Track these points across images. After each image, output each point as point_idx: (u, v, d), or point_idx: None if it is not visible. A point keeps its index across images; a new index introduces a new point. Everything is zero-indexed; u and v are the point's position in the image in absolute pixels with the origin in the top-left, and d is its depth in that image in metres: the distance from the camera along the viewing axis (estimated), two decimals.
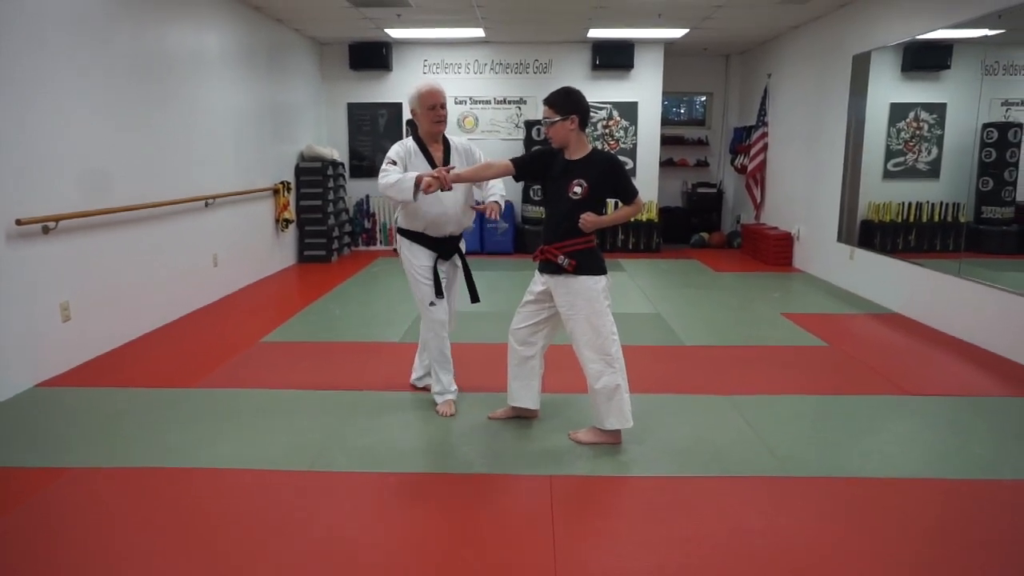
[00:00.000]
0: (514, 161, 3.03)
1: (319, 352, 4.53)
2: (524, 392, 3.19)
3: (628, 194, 3.01)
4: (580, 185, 2.92)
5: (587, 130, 9.07)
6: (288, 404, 3.62)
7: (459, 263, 3.37)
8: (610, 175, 2.95)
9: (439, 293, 3.31)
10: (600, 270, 3.00)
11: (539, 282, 3.07)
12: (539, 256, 3.03)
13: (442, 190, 3.03)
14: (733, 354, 4.52)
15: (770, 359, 4.42)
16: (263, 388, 3.85)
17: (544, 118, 2.95)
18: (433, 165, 3.22)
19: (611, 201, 3.06)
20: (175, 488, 2.77)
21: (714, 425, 3.38)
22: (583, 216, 2.91)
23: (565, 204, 2.94)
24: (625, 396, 3.04)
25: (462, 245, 3.33)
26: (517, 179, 3.04)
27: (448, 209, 3.25)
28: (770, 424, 3.38)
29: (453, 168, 3.06)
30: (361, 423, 3.37)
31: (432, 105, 3.15)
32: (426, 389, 3.64)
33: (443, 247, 3.28)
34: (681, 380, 4.03)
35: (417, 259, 3.31)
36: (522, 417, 3.33)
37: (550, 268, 3.00)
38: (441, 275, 3.33)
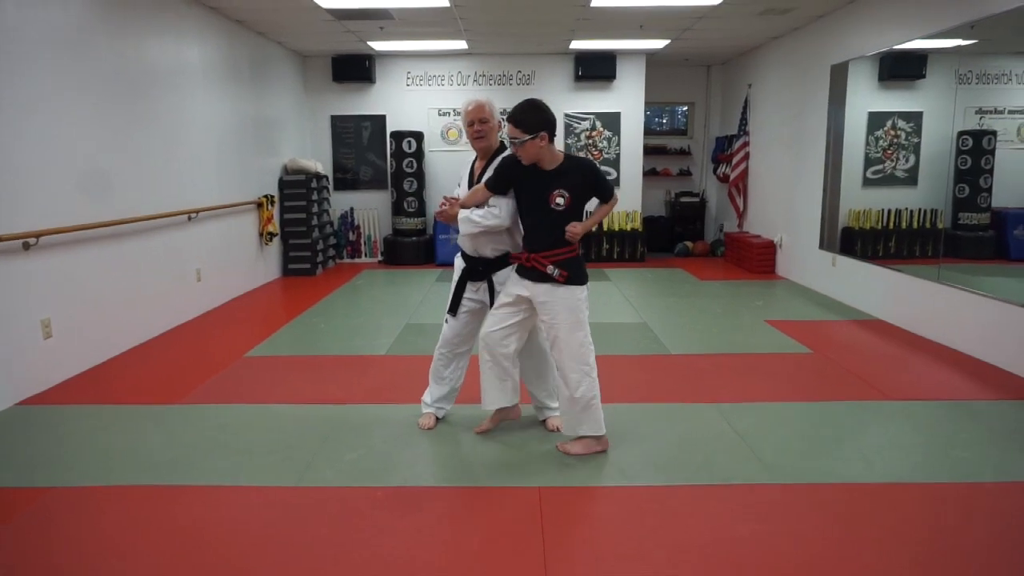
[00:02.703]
0: (487, 185, 3.04)
1: (304, 366, 4.51)
2: (500, 392, 3.15)
3: (607, 192, 3.03)
4: (563, 196, 2.92)
5: (571, 140, 9.28)
6: (274, 419, 3.60)
7: (487, 297, 3.26)
8: (590, 181, 2.97)
9: (453, 310, 3.29)
10: (584, 279, 3.02)
11: (520, 286, 3.04)
12: (524, 262, 3.03)
13: (447, 221, 3.10)
14: (718, 362, 4.55)
15: (755, 366, 4.45)
16: (248, 403, 3.83)
17: (511, 138, 2.89)
18: (471, 180, 3.24)
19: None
20: (162, 506, 2.74)
21: (701, 433, 3.39)
22: (571, 228, 2.93)
23: (548, 215, 2.95)
24: (598, 404, 3.05)
25: (495, 277, 3.19)
26: (502, 195, 3.05)
27: (476, 237, 3.21)
28: (756, 431, 3.41)
29: (458, 196, 3.13)
30: (348, 437, 3.36)
31: (469, 122, 3.16)
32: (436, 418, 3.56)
33: (472, 264, 3.25)
34: (667, 389, 4.05)
35: (455, 271, 3.33)
36: (507, 420, 3.33)
37: (535, 275, 3.00)
38: (469, 299, 3.27)
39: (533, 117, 2.86)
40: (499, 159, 3.10)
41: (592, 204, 3.09)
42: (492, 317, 3.10)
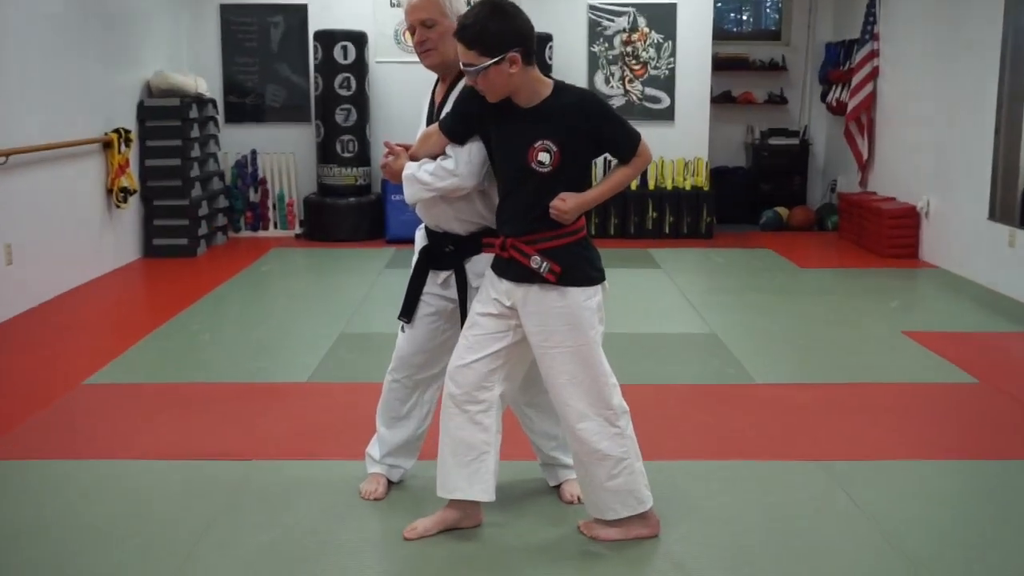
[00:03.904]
0: (441, 126, 3.05)
1: (180, 401, 4.48)
2: (469, 474, 3.07)
3: (625, 146, 2.98)
4: (547, 150, 2.89)
5: (599, 48, 9.25)
6: (133, 484, 3.58)
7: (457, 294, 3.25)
8: (593, 126, 2.93)
9: (407, 312, 3.28)
10: (593, 277, 2.98)
11: (498, 289, 3.02)
12: (500, 251, 2.99)
13: (393, 179, 3.16)
14: (829, 396, 4.53)
15: (886, 404, 4.44)
16: (91, 459, 3.80)
17: (464, 64, 2.87)
18: (430, 113, 3.27)
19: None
20: None
21: (803, 508, 3.38)
22: (558, 203, 2.87)
23: (529, 179, 2.92)
24: (637, 467, 3.03)
25: (470, 266, 3.20)
26: (460, 143, 3.05)
27: (430, 205, 3.21)
28: (890, 506, 3.39)
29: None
30: (251, 513, 3.34)
31: (410, 26, 3.16)
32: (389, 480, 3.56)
33: (436, 247, 3.24)
34: (750, 438, 4.04)
35: (415, 253, 3.35)
36: (461, 527, 3.22)
37: (515, 271, 2.97)
38: (435, 295, 3.28)
39: (494, 27, 2.82)
40: (460, 86, 3.10)
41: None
42: (463, 341, 3.07)
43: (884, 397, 4.54)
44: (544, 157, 2.90)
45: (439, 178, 3.05)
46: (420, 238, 3.35)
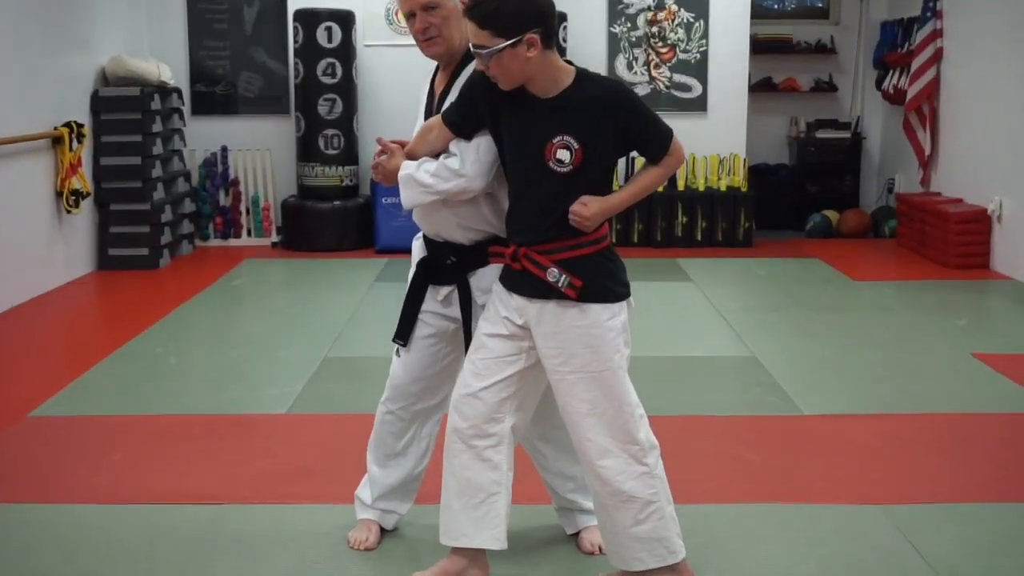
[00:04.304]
0: (445, 118, 3.07)
1: (141, 434, 4.49)
2: (478, 518, 3.09)
3: (655, 143, 3.00)
4: (567, 147, 2.90)
5: (620, 29, 9.25)
6: (87, 531, 3.57)
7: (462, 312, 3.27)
8: (618, 118, 2.94)
9: (403, 333, 3.30)
10: (618, 293, 2.99)
11: (509, 307, 3.04)
12: (511, 262, 3.01)
13: (386, 182, 3.18)
14: (887, 430, 4.53)
15: (954, 438, 4.43)
16: (37, 503, 3.80)
17: (475, 46, 2.87)
18: (429, 108, 3.27)
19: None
20: None
21: (862, 560, 3.37)
22: (579, 208, 2.89)
23: (546, 179, 2.94)
24: (667, 511, 3.03)
25: (475, 280, 3.21)
26: (467, 138, 3.07)
27: (429, 210, 3.22)
28: (962, 558, 3.37)
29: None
30: (223, 565, 3.34)
31: (409, 12, 3.17)
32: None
33: (437, 258, 3.26)
34: (797, 476, 4.04)
35: (412, 265, 3.37)
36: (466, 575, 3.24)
37: (529, 285, 2.99)
38: (435, 314, 3.30)
39: (511, 4, 2.83)
40: (466, 72, 3.11)
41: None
42: (469, 367, 3.08)
43: (952, 430, 4.53)
44: (563, 155, 2.91)
45: (442, 179, 3.05)
46: (418, 249, 3.35)
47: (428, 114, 3.25)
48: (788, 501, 3.82)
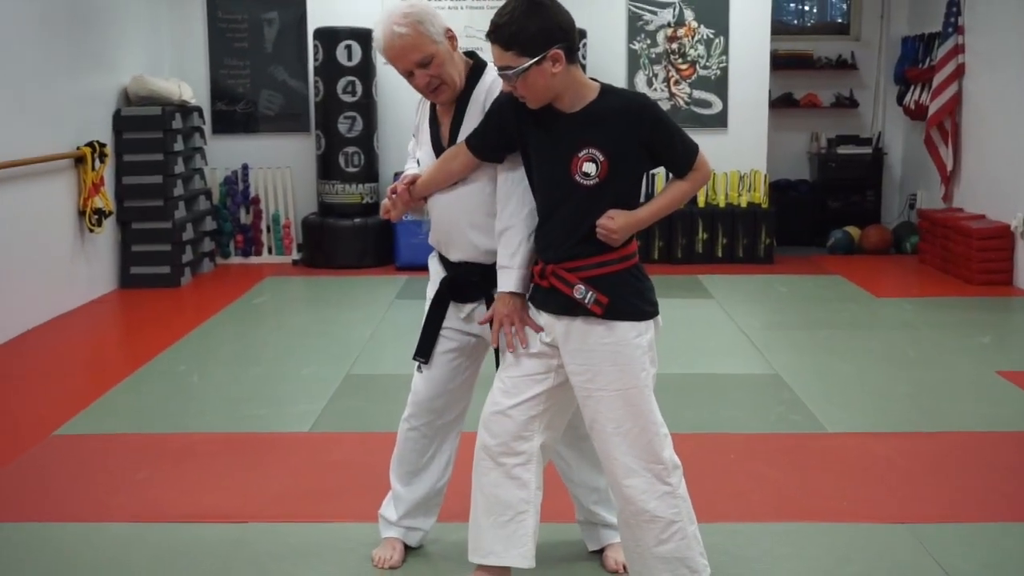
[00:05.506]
0: (468, 143, 3.08)
1: (164, 452, 4.50)
2: (507, 536, 3.10)
3: (682, 158, 3.00)
4: (593, 160, 2.90)
5: (640, 46, 9.26)
6: (110, 550, 3.58)
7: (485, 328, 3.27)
8: (643, 131, 2.94)
9: (425, 351, 3.31)
10: (646, 311, 2.99)
11: (538, 324, 3.05)
12: (539, 279, 3.01)
13: (392, 219, 3.28)
14: (912, 448, 4.52)
15: (981, 456, 4.41)
16: (61, 522, 3.81)
17: (500, 67, 2.89)
18: (437, 139, 3.28)
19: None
20: None
21: None
22: (606, 222, 2.89)
23: (572, 194, 2.94)
24: (690, 531, 3.02)
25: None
26: (494, 162, 3.10)
27: (442, 214, 3.26)
28: None
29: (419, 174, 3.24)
30: None
31: (406, 71, 3.19)
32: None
33: (459, 276, 3.28)
34: (823, 496, 4.02)
35: (430, 282, 3.39)
36: None
37: (556, 302, 2.99)
38: (456, 331, 3.32)
39: (533, 23, 2.84)
40: (474, 98, 3.16)
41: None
42: (499, 384, 3.09)
43: (978, 448, 4.51)
44: (589, 168, 2.91)
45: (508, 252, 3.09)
46: (435, 267, 3.36)
47: (437, 148, 3.25)
48: (812, 520, 3.81)
